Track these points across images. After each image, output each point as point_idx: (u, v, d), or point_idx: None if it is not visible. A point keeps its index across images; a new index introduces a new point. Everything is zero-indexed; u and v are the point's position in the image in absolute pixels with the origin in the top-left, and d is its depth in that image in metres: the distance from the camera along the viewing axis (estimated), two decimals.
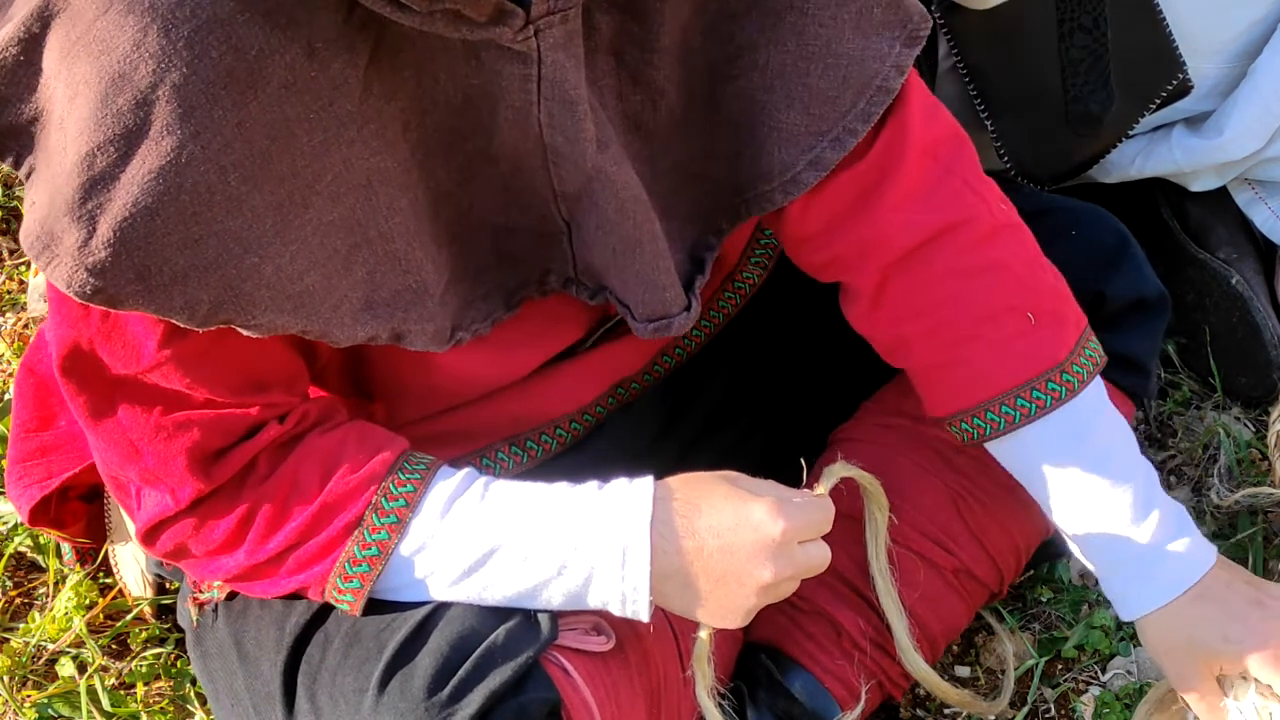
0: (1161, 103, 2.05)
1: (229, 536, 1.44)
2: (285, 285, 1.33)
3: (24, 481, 1.80)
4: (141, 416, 1.39)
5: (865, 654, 1.72)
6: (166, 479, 1.41)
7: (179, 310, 1.29)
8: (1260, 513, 2.01)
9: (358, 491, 1.43)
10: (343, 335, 1.39)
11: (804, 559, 1.42)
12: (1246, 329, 2.13)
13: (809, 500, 1.43)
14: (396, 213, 1.38)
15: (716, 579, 1.40)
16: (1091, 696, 1.86)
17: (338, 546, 1.43)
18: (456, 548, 1.43)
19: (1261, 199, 2.19)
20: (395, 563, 1.43)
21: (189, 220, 1.26)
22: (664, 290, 1.53)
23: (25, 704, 1.88)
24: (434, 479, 1.45)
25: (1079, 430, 1.60)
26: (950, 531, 1.72)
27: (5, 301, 2.39)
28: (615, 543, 1.40)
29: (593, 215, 1.48)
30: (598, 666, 1.51)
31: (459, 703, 1.39)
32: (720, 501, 1.40)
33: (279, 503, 1.43)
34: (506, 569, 1.43)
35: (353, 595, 1.44)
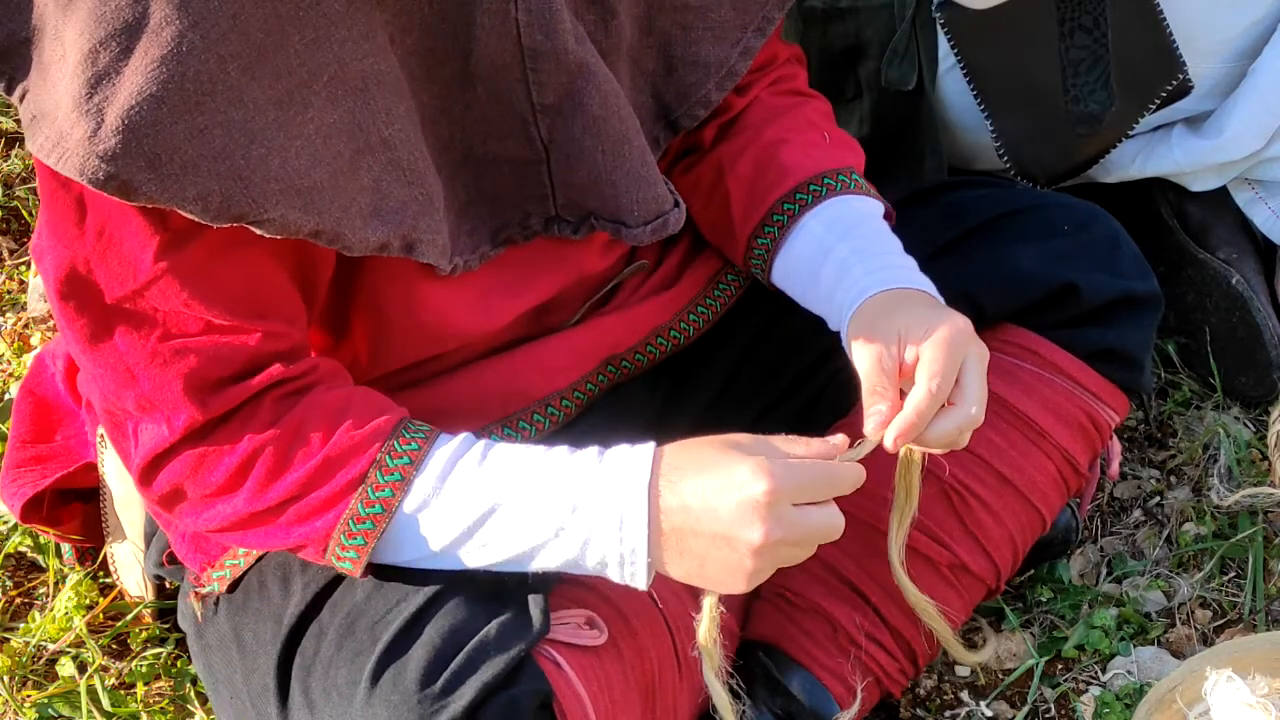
0: (1161, 103, 2.05)
1: (228, 480, 1.43)
2: (293, 179, 1.35)
3: (18, 483, 1.81)
4: (139, 341, 1.39)
5: (863, 651, 1.72)
6: (162, 406, 1.41)
7: (192, 201, 1.31)
8: (1260, 513, 2.02)
9: (363, 447, 1.43)
10: (355, 239, 1.41)
11: (801, 522, 1.38)
12: (1246, 329, 2.13)
13: (808, 462, 1.40)
14: (395, 119, 1.42)
15: (708, 542, 1.38)
16: (1091, 696, 1.86)
17: (340, 502, 1.42)
18: (457, 507, 1.43)
19: (1261, 199, 2.19)
20: (398, 521, 1.43)
21: (193, 109, 1.29)
22: (654, 186, 1.59)
23: (25, 704, 1.89)
24: (437, 439, 1.45)
25: (859, 216, 1.67)
26: (945, 527, 1.73)
27: (5, 301, 2.39)
28: (613, 507, 1.40)
29: (578, 122, 1.52)
30: (591, 660, 1.52)
31: (451, 695, 1.40)
32: (707, 463, 1.39)
33: (282, 450, 1.42)
34: (505, 529, 1.42)
35: (356, 553, 1.43)
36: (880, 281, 1.59)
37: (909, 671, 1.76)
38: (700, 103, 1.67)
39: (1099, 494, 2.06)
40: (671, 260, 1.80)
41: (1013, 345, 1.77)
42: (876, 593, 1.72)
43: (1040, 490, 1.77)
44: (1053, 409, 1.76)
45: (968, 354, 1.49)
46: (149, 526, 1.76)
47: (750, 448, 1.39)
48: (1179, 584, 1.97)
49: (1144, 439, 2.15)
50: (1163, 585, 1.97)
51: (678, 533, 1.39)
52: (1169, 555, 2.01)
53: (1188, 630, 1.92)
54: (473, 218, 1.55)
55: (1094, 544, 2.02)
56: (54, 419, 1.88)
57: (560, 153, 1.54)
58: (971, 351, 1.49)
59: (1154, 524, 2.05)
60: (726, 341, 1.82)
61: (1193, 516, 2.04)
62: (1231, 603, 1.95)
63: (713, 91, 1.67)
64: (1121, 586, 1.97)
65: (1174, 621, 1.93)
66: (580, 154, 1.54)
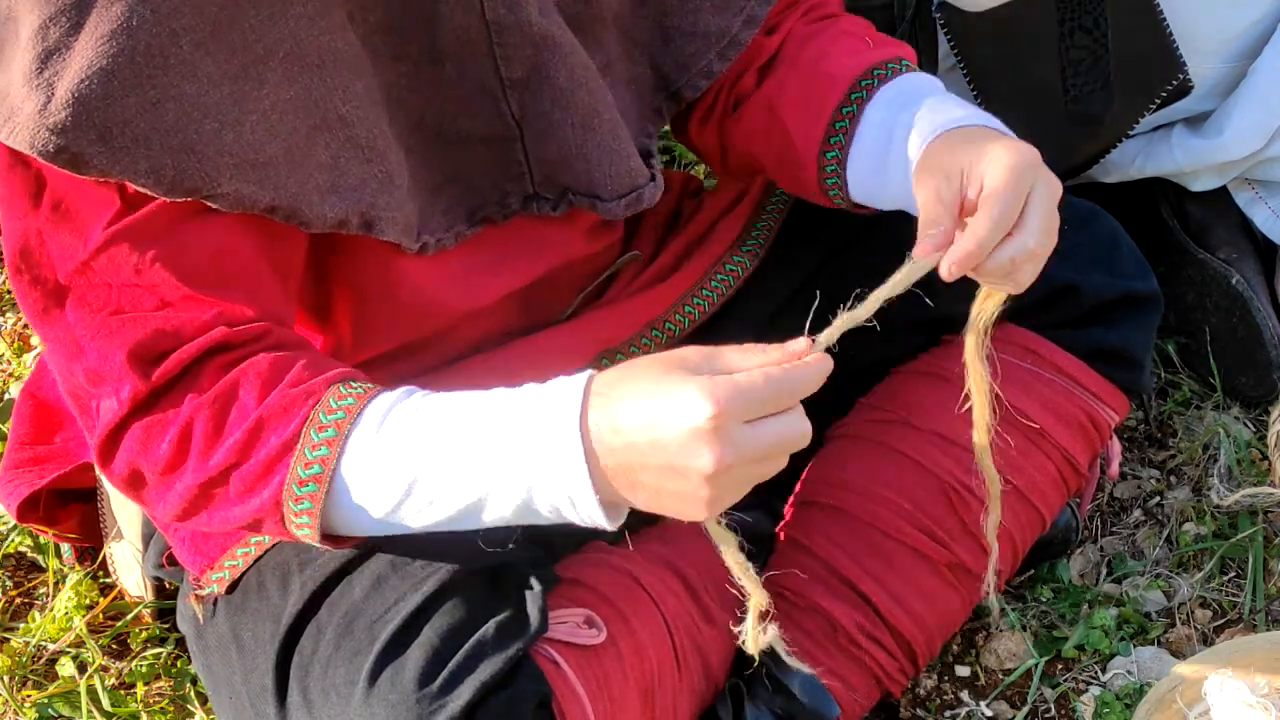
0: (1162, 103, 2.05)
1: (173, 452, 1.38)
2: (247, 153, 1.35)
3: (15, 483, 1.81)
4: (88, 315, 1.38)
5: (862, 650, 1.72)
6: (108, 378, 1.38)
7: (144, 175, 1.32)
8: (1260, 513, 2.02)
9: (295, 405, 1.36)
10: (312, 214, 1.41)
11: (755, 440, 1.25)
12: (1246, 329, 2.13)
13: (757, 372, 1.26)
14: (353, 97, 1.42)
15: (658, 474, 1.27)
16: (1091, 696, 1.85)
17: (278, 464, 1.36)
18: (396, 462, 1.35)
19: (1262, 199, 2.19)
20: (340, 482, 1.36)
21: (145, 82, 1.30)
22: (628, 160, 1.58)
23: (25, 704, 1.89)
24: (375, 395, 1.38)
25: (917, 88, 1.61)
26: (944, 525, 1.72)
27: (5, 301, 2.39)
28: (548, 449, 1.30)
29: (546, 95, 1.52)
30: (589, 659, 1.52)
31: (449, 694, 1.40)
32: (646, 389, 1.27)
33: (217, 414, 1.37)
34: (447, 482, 1.34)
35: (309, 518, 1.37)
36: (943, 124, 1.52)
37: (909, 671, 1.76)
38: (701, 74, 1.66)
39: (1099, 494, 2.06)
40: (669, 252, 1.80)
41: (1012, 345, 1.77)
42: (876, 592, 1.72)
43: (1040, 490, 1.77)
44: (1052, 409, 1.76)
45: (1034, 183, 1.41)
46: (146, 527, 1.76)
47: (696, 365, 1.27)
48: (1179, 584, 1.97)
49: (1144, 439, 2.15)
50: (1163, 585, 1.97)
51: (624, 467, 1.28)
52: (1169, 555, 2.01)
53: (1188, 630, 1.92)
54: (448, 197, 1.54)
55: (1094, 544, 2.02)
56: (54, 421, 1.88)
57: (533, 128, 1.54)
58: (1039, 180, 1.42)
59: (1154, 524, 2.05)
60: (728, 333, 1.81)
61: (1193, 516, 2.04)
62: (1231, 603, 1.95)
63: (714, 62, 1.66)
64: (1121, 586, 1.97)
65: (1174, 621, 1.93)
66: (551, 128, 1.54)
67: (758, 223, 1.84)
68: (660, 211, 1.86)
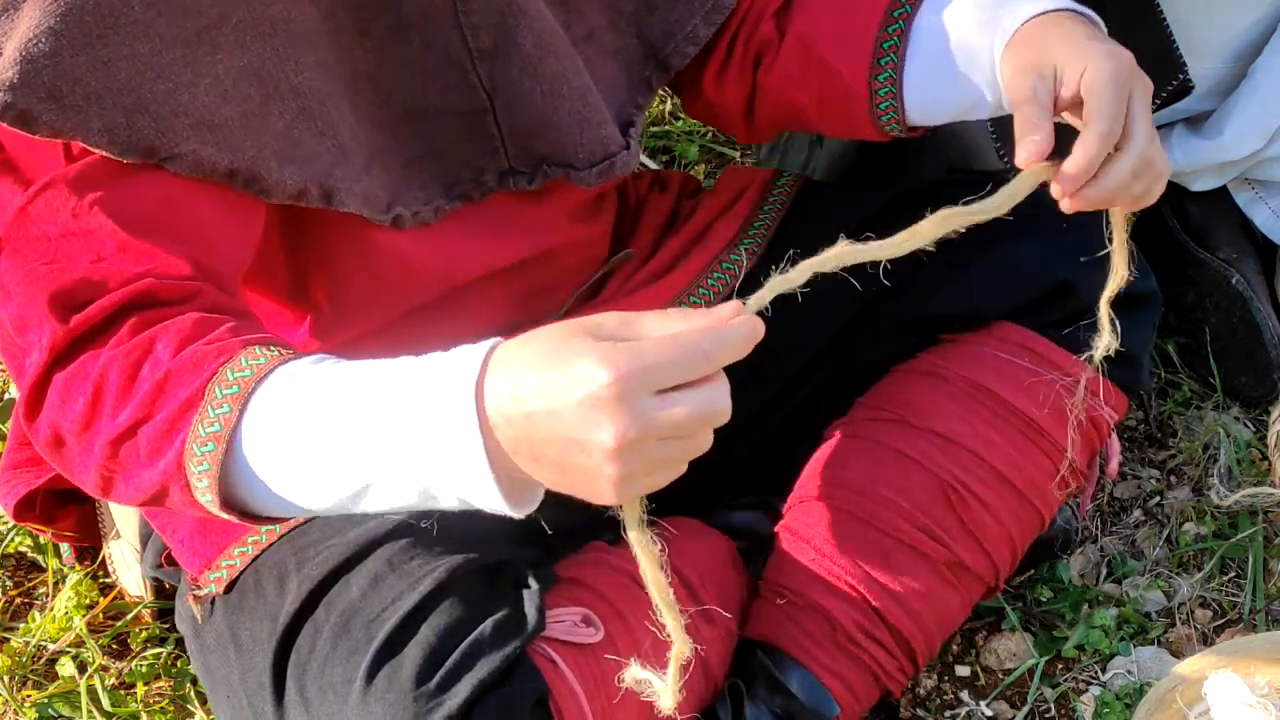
0: (1162, 103, 2.04)
1: (88, 408, 1.31)
2: (203, 114, 1.35)
3: (13, 483, 1.81)
4: (20, 263, 1.35)
5: (861, 649, 1.72)
6: (30, 324, 1.34)
7: (97, 133, 1.32)
8: (1260, 513, 2.01)
9: (206, 361, 1.28)
10: (271, 180, 1.40)
11: (663, 413, 1.13)
12: (1247, 329, 2.13)
13: (664, 339, 1.14)
14: (305, 68, 1.42)
15: (560, 449, 1.16)
16: (1091, 696, 1.85)
17: (181, 420, 1.27)
18: (297, 429, 1.26)
19: (1262, 199, 2.19)
20: (239, 447, 1.27)
21: (95, 41, 1.31)
22: (599, 128, 1.57)
23: (25, 704, 1.89)
24: (289, 359, 1.28)
25: None
26: (943, 524, 1.72)
27: None
28: (443, 422, 1.19)
29: (515, 63, 1.52)
30: (587, 658, 1.52)
31: (446, 693, 1.40)
32: (548, 358, 1.16)
33: (130, 367, 1.30)
34: (339, 457, 1.24)
35: (209, 480, 1.26)
36: (1027, 13, 1.46)
37: (908, 670, 1.76)
38: (688, 39, 1.66)
39: (1099, 494, 2.06)
40: (666, 251, 1.80)
41: (1010, 343, 1.77)
42: (876, 591, 1.71)
43: (1039, 489, 1.76)
44: (1051, 407, 1.76)
45: (1133, 90, 1.38)
46: (144, 527, 1.76)
47: (609, 331, 1.16)
48: (1179, 584, 1.97)
49: (1144, 439, 2.15)
50: (1163, 585, 1.97)
51: (526, 441, 1.17)
52: (1169, 555, 2.01)
53: (1188, 630, 1.92)
54: (421, 172, 1.55)
55: (1094, 544, 2.02)
56: None
57: (503, 98, 1.55)
58: (1137, 87, 1.39)
59: (1154, 524, 2.05)
60: None
61: (1193, 516, 2.04)
62: (1231, 603, 1.95)
63: (699, 27, 1.65)
64: (1121, 586, 1.97)
65: (1174, 621, 1.93)
66: (520, 97, 1.55)
67: (755, 222, 1.84)
68: (658, 211, 1.86)
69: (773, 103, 1.72)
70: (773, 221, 1.84)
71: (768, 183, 1.87)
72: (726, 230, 1.82)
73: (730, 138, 2.57)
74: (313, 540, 1.56)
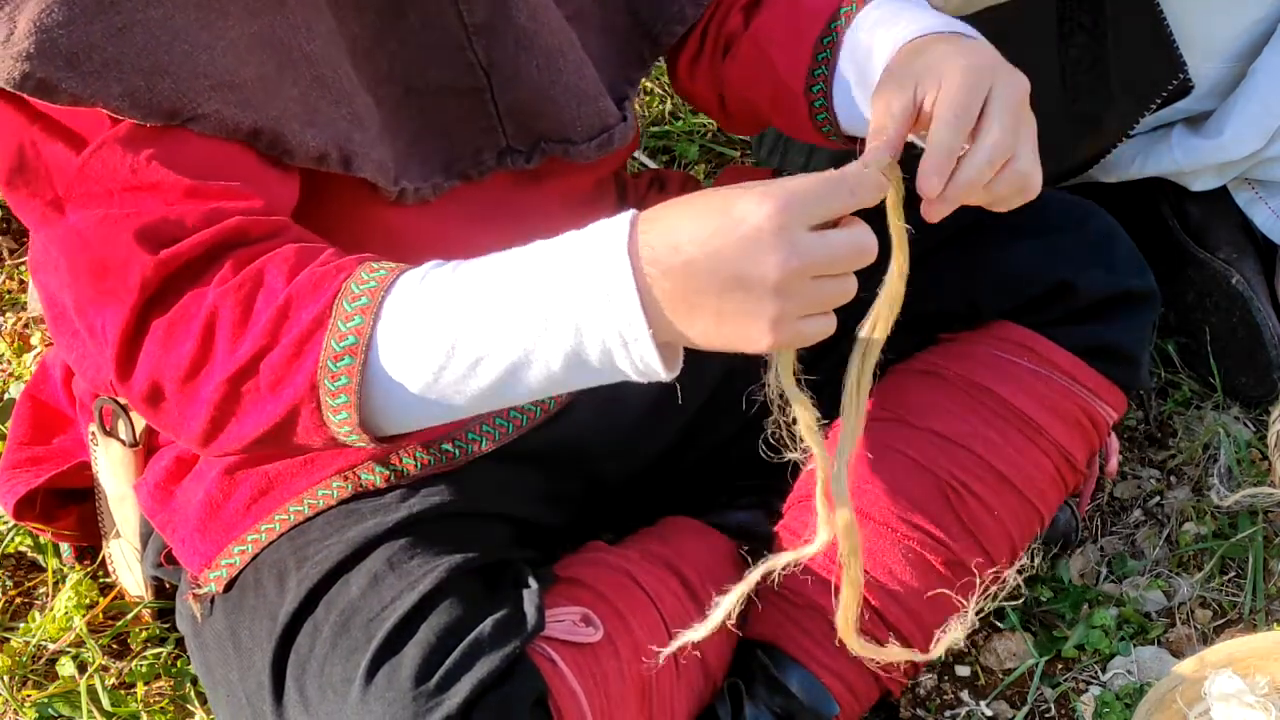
0: (1162, 103, 2.05)
1: (197, 349, 1.32)
2: (222, 75, 1.36)
3: (12, 482, 1.82)
4: (91, 213, 1.36)
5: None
6: (114, 267, 1.34)
7: (118, 98, 1.33)
8: (1260, 513, 2.01)
9: (325, 280, 1.31)
10: (295, 141, 1.41)
11: (821, 245, 1.22)
12: (1246, 329, 2.13)
13: (811, 177, 1.23)
14: (317, 36, 1.43)
15: (719, 291, 1.22)
16: (1091, 696, 1.85)
17: (311, 339, 1.30)
18: (435, 323, 1.29)
19: (1262, 199, 2.19)
20: (376, 354, 1.30)
21: (108, 9, 1.32)
22: (596, 100, 1.58)
23: (25, 704, 1.89)
24: (408, 268, 1.33)
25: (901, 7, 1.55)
26: (942, 524, 1.72)
27: (5, 301, 2.39)
28: (596, 279, 1.24)
29: (510, 37, 1.52)
30: (586, 658, 1.52)
31: (446, 692, 1.40)
32: (702, 208, 1.23)
33: (243, 299, 1.32)
34: (490, 335, 1.28)
35: (347, 396, 1.29)
36: (905, 35, 1.47)
37: (908, 669, 1.76)
38: (675, 19, 1.68)
39: (1099, 493, 2.06)
40: None
41: (1009, 342, 1.77)
42: (875, 591, 1.71)
43: (1038, 488, 1.76)
44: (1050, 406, 1.76)
45: (992, 82, 1.37)
46: (144, 526, 1.76)
47: (750, 185, 1.24)
48: (1179, 584, 1.97)
49: (1144, 439, 2.15)
50: (1163, 585, 1.97)
51: (681, 291, 1.22)
52: (1169, 555, 2.01)
53: (1188, 630, 1.92)
54: (421, 149, 1.55)
55: (1094, 544, 2.02)
56: (53, 423, 1.89)
57: (500, 75, 1.55)
58: (998, 79, 1.37)
59: (1154, 524, 2.05)
60: None
61: (1193, 516, 2.04)
62: (1231, 603, 1.95)
63: (687, 7, 1.67)
64: (1121, 586, 1.97)
65: (1174, 621, 1.93)
66: (517, 72, 1.55)
67: None
68: None
69: (736, 96, 1.73)
70: None
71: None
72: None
73: (730, 137, 2.57)
74: (312, 539, 1.56)
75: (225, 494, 1.61)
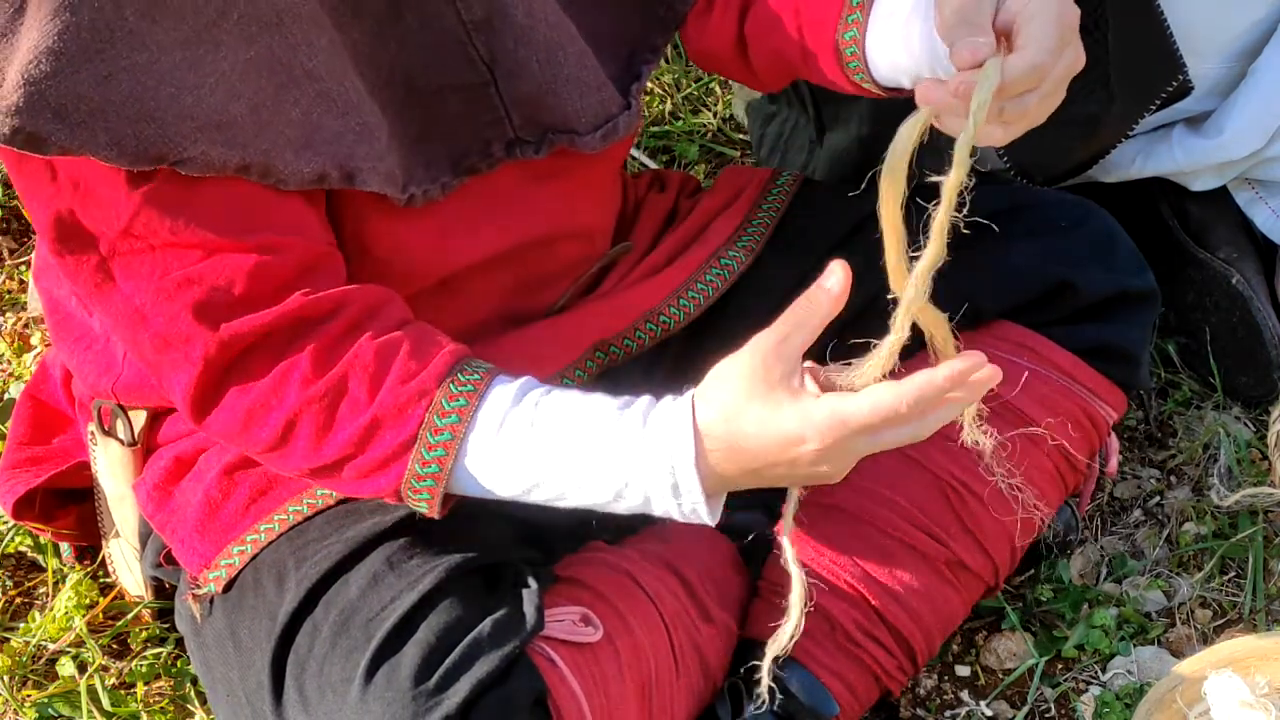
0: (1162, 103, 2.04)
1: (276, 438, 1.42)
2: (209, 115, 1.36)
3: (11, 482, 1.82)
4: (143, 281, 1.40)
5: (861, 648, 1.72)
6: (175, 341, 1.40)
7: (105, 147, 1.33)
8: (1260, 513, 2.01)
9: (409, 405, 1.41)
10: (287, 170, 1.41)
11: (866, 448, 1.36)
12: (1247, 329, 2.12)
13: (842, 405, 1.33)
14: (318, 51, 1.43)
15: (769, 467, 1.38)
16: (1091, 696, 1.85)
17: (396, 461, 1.42)
18: (511, 470, 1.42)
19: (1262, 198, 2.19)
20: (457, 476, 1.43)
21: (94, 57, 1.32)
22: (598, 90, 1.59)
23: (25, 704, 1.89)
24: (489, 388, 1.43)
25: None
26: (942, 523, 1.72)
27: (5, 301, 2.39)
28: (664, 478, 1.38)
29: (508, 34, 1.53)
30: (586, 658, 1.52)
31: (445, 692, 1.40)
32: (752, 431, 1.36)
33: (327, 409, 1.41)
34: (570, 490, 1.42)
35: (429, 499, 1.44)
36: None
37: (908, 669, 1.76)
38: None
39: (1099, 493, 2.06)
40: (665, 246, 1.80)
41: (1009, 342, 1.77)
42: (875, 591, 1.71)
43: (1038, 488, 1.77)
44: (1050, 406, 1.76)
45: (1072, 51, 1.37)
46: (143, 526, 1.76)
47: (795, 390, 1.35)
48: (1179, 584, 1.97)
49: (1144, 438, 2.15)
50: (1163, 585, 1.97)
51: (739, 476, 1.39)
52: (1169, 555, 2.01)
53: (1188, 630, 1.92)
54: (428, 151, 1.55)
55: (1094, 544, 2.02)
56: (53, 423, 1.89)
57: (503, 68, 1.56)
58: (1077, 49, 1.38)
59: (1154, 524, 2.05)
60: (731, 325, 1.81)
61: (1193, 516, 2.04)
62: (1231, 603, 1.95)
63: None
64: (1121, 586, 1.97)
65: (1174, 621, 1.93)
66: (519, 66, 1.56)
67: (754, 221, 1.84)
68: (657, 210, 1.86)
69: (762, 52, 1.71)
70: (771, 220, 1.84)
71: (766, 182, 1.87)
72: (725, 228, 1.82)
73: (730, 137, 2.57)
74: (312, 539, 1.57)
75: (224, 494, 1.62)
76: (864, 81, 1.61)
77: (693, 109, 2.61)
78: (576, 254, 1.73)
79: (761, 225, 1.84)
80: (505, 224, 1.64)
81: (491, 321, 1.68)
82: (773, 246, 1.82)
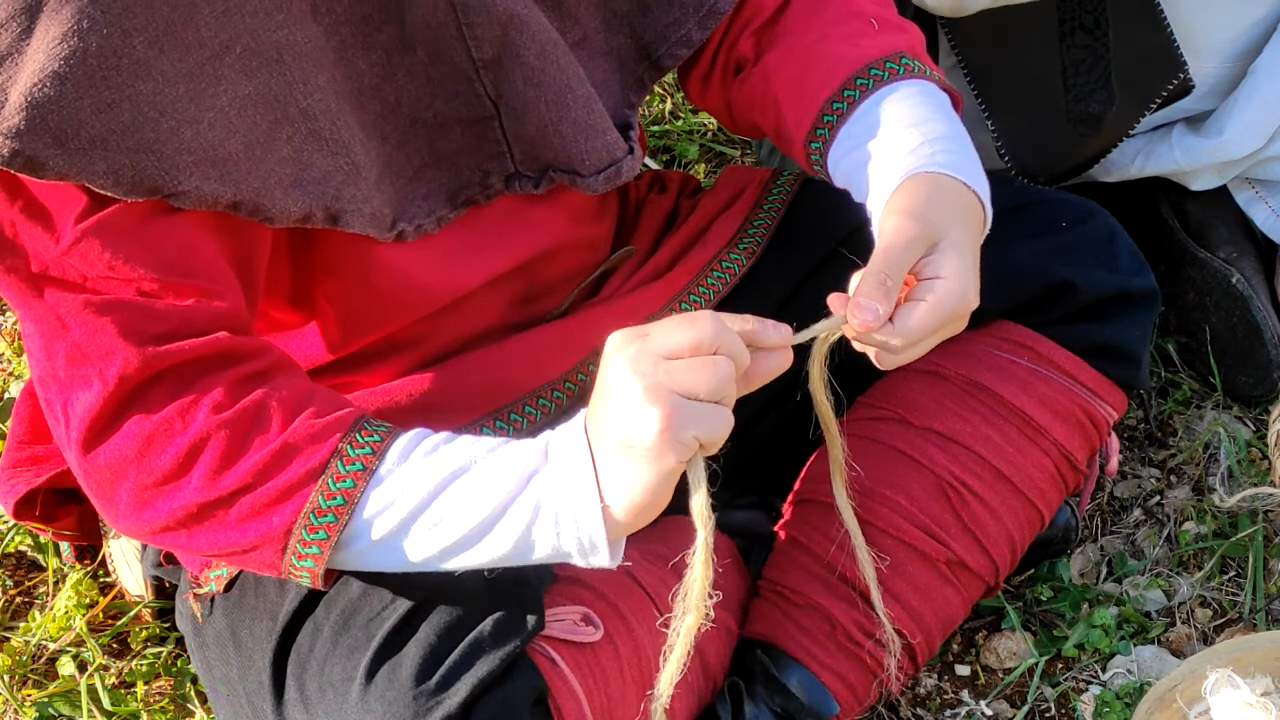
0: (1162, 102, 2.05)
1: (176, 465, 1.36)
2: (206, 150, 1.36)
3: (12, 481, 1.81)
4: (70, 296, 1.37)
5: (861, 648, 1.72)
6: (93, 356, 1.36)
7: (102, 176, 1.32)
8: (1260, 512, 2.01)
9: (325, 434, 1.37)
10: (275, 209, 1.41)
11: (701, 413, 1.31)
12: (1246, 328, 2.13)
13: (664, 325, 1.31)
14: (315, 90, 1.42)
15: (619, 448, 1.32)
16: (1091, 696, 1.85)
17: (300, 493, 1.36)
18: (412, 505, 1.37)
19: (1262, 198, 2.19)
20: (358, 520, 1.37)
21: (99, 84, 1.31)
22: (604, 134, 1.59)
23: (26, 703, 1.89)
24: (397, 433, 1.40)
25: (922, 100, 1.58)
26: (942, 522, 1.73)
27: (4, 301, 2.39)
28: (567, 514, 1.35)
29: (518, 74, 1.53)
30: (586, 657, 1.52)
31: (446, 691, 1.40)
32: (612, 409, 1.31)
33: (238, 435, 1.36)
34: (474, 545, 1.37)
35: (319, 548, 1.37)
36: (914, 167, 1.50)
37: (908, 669, 1.76)
38: (680, 43, 1.68)
39: (1099, 493, 2.06)
40: (665, 250, 1.80)
41: (1009, 342, 1.77)
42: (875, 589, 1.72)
43: (1038, 487, 1.77)
44: (1050, 405, 1.76)
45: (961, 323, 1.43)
46: None
47: None
48: (1179, 583, 1.97)
49: (1144, 438, 2.15)
50: (1163, 585, 1.97)
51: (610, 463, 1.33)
52: (1169, 555, 2.01)
53: (1188, 630, 1.92)
54: (427, 182, 1.55)
55: (1094, 543, 2.02)
56: None
57: (509, 106, 1.56)
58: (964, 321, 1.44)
59: (1154, 523, 2.05)
60: None
61: (1193, 516, 2.04)
62: (1231, 602, 1.95)
63: (694, 31, 1.67)
64: (1121, 586, 1.97)
65: (1174, 621, 1.93)
66: (526, 106, 1.56)
67: (755, 222, 1.84)
68: (657, 211, 1.86)
69: (743, 117, 1.74)
70: (772, 221, 1.84)
71: (767, 182, 1.88)
72: (726, 229, 1.82)
73: (730, 137, 2.58)
74: None
75: None
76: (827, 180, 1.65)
77: (693, 108, 2.61)
78: (578, 262, 1.73)
79: (763, 226, 1.84)
80: (506, 246, 1.64)
81: (494, 330, 1.68)
82: (773, 246, 1.82)
